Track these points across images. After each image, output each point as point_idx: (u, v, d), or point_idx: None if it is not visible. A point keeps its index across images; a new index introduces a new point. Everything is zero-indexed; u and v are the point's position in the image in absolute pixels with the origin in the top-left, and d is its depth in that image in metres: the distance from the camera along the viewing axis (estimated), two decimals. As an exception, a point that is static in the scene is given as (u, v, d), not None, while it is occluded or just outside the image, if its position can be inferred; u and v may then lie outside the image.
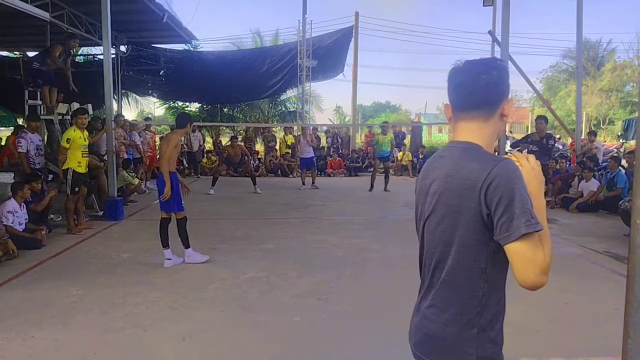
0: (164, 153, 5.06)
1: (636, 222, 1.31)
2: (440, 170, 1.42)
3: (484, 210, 1.29)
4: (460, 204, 1.34)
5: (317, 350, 3.27)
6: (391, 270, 5.10)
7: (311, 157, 12.06)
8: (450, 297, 1.40)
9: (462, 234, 1.35)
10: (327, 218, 8.08)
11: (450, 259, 1.38)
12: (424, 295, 1.50)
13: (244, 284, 4.57)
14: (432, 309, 1.44)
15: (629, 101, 28.62)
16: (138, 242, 6.21)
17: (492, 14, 15.87)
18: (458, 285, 1.38)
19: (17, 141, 7.00)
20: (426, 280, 1.49)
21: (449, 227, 1.38)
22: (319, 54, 16.86)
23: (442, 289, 1.42)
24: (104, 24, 7.55)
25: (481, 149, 1.38)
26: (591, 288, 4.58)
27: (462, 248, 1.36)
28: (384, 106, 55.21)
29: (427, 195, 1.46)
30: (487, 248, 1.32)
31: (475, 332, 1.36)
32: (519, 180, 1.27)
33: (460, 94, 1.42)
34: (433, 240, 1.44)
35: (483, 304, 1.36)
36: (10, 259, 5.24)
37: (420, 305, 1.51)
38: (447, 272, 1.40)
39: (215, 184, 10.89)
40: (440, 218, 1.40)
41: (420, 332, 1.49)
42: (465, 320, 1.37)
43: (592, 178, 9.05)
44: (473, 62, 1.42)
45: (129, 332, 3.49)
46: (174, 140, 5.10)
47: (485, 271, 1.34)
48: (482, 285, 1.35)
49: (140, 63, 16.10)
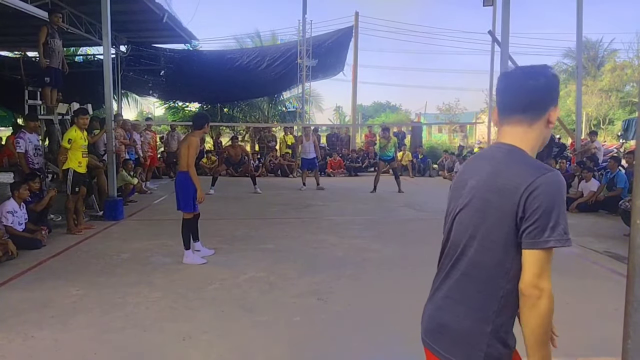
0: (184, 156, 5.09)
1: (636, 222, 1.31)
2: (482, 168, 1.44)
3: (519, 212, 1.31)
4: (498, 201, 1.35)
5: (317, 350, 3.27)
6: (391, 270, 5.10)
7: (313, 158, 12.01)
8: (468, 291, 1.41)
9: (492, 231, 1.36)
10: (327, 218, 8.08)
11: (473, 253, 1.40)
12: (440, 285, 1.51)
13: (244, 284, 4.57)
14: (448, 300, 1.45)
15: (629, 101, 28.62)
16: (138, 242, 6.22)
17: (492, 14, 15.90)
18: (478, 280, 1.39)
19: (16, 141, 7.00)
20: (444, 270, 1.50)
21: (480, 222, 1.39)
22: (319, 53, 16.86)
23: (460, 281, 1.43)
24: (104, 24, 7.54)
25: (526, 154, 1.40)
26: (591, 288, 4.58)
27: (488, 244, 1.37)
28: (384, 106, 55.18)
29: (463, 189, 1.48)
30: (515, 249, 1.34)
31: (488, 330, 1.37)
32: (562, 194, 1.31)
33: (506, 97, 1.45)
34: (460, 233, 1.45)
35: (502, 304, 1.37)
36: (11, 259, 5.24)
37: (435, 295, 1.52)
38: (469, 266, 1.41)
39: (215, 184, 10.89)
40: (473, 212, 1.41)
41: (433, 321, 1.50)
42: (481, 316, 1.38)
43: (592, 178, 9.05)
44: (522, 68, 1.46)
45: (129, 332, 3.49)
46: (195, 143, 5.15)
47: (509, 272, 1.36)
48: (504, 285, 1.36)
49: (140, 63, 16.11)
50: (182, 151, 5.17)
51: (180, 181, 5.21)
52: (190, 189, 5.13)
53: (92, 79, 13.74)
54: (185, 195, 5.16)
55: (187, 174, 5.10)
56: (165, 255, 5.61)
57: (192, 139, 5.16)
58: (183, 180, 5.15)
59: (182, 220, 5.28)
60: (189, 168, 5.07)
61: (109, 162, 7.80)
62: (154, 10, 11.69)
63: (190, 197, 5.16)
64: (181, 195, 5.19)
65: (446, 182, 14.14)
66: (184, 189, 5.16)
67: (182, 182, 5.17)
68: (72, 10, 10.97)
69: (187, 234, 5.28)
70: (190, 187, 5.12)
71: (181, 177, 5.19)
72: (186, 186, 5.14)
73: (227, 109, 21.20)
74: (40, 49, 7.78)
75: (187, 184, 5.12)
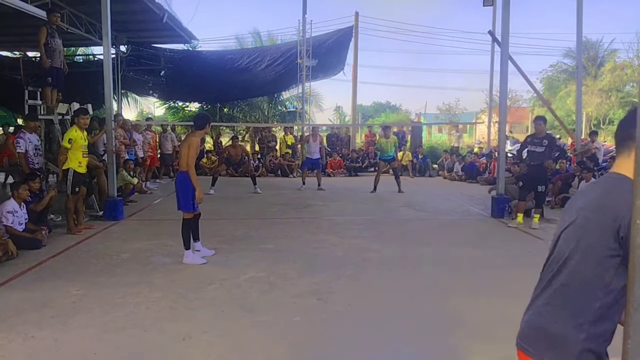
0: (185, 156, 5.11)
1: (636, 222, 1.31)
2: (592, 193, 1.56)
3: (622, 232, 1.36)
4: (602, 220, 1.42)
5: (317, 350, 3.27)
6: (391, 270, 5.10)
7: (317, 159, 11.92)
8: (567, 300, 1.49)
9: (593, 244, 1.43)
10: (327, 218, 8.08)
11: (574, 264, 1.47)
12: (540, 293, 1.60)
13: (244, 284, 4.57)
14: (548, 307, 1.54)
15: (629, 101, 28.61)
16: (138, 242, 6.22)
17: (492, 14, 15.91)
18: (577, 290, 1.47)
19: (16, 141, 7.00)
20: (545, 280, 1.60)
21: (583, 236, 1.47)
22: (319, 53, 16.86)
23: (560, 290, 1.51)
24: (104, 24, 7.54)
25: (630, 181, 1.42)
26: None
27: (588, 257, 1.44)
28: (384, 106, 55.15)
29: (573, 209, 1.57)
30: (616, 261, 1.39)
31: (582, 338, 1.43)
32: None
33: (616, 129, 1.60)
34: (564, 247, 1.53)
35: (598, 315, 1.43)
36: (11, 259, 5.24)
37: (535, 302, 1.61)
38: (569, 276, 1.49)
39: (215, 184, 10.89)
40: (577, 228, 1.50)
41: (529, 327, 1.60)
42: (577, 323, 1.45)
43: (592, 178, 9.04)
44: None
45: (129, 332, 3.49)
46: (195, 143, 5.16)
47: (608, 285, 1.41)
48: (602, 297, 1.42)
49: (140, 63, 16.10)
50: (182, 151, 5.19)
51: (180, 181, 5.23)
52: (190, 189, 5.14)
53: (92, 79, 13.73)
54: (185, 195, 5.18)
55: (186, 174, 5.11)
56: (165, 255, 5.61)
57: (192, 139, 5.17)
58: (183, 180, 5.17)
59: (182, 220, 5.29)
60: (188, 168, 5.08)
61: (109, 162, 7.79)
62: (154, 10, 11.68)
63: (190, 197, 5.17)
64: (181, 195, 5.21)
65: (446, 182, 14.15)
66: (184, 189, 5.17)
67: (182, 182, 5.18)
68: (72, 10, 10.97)
69: (187, 233, 5.29)
70: (190, 187, 5.13)
71: (181, 177, 5.21)
72: (186, 186, 5.15)
73: (227, 109, 21.20)
74: (42, 49, 7.77)
75: (187, 184, 5.13)
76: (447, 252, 5.80)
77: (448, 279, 4.78)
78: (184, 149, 5.16)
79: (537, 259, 5.90)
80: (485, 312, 3.91)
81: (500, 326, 3.63)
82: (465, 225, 7.56)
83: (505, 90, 8.46)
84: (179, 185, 5.24)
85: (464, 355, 3.21)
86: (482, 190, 10.39)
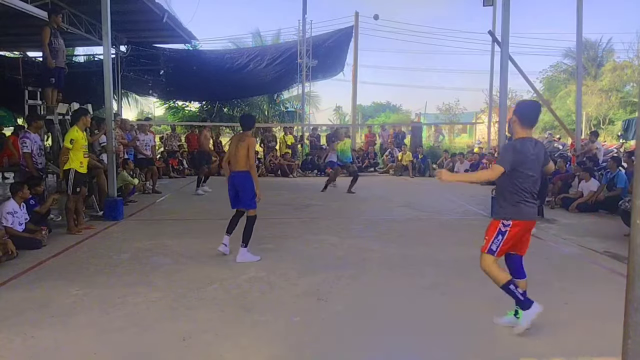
0: (244, 156, 5.22)
1: (636, 222, 1.31)
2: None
3: None
4: None
5: (317, 350, 3.27)
6: (391, 270, 5.10)
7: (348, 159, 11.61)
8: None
9: None
10: (327, 218, 8.08)
11: None
12: None
13: (244, 284, 4.57)
14: None
15: (629, 101, 28.61)
16: (138, 242, 6.21)
17: (492, 14, 15.92)
18: None
19: (22, 141, 6.99)
20: None
21: None
22: (319, 53, 16.86)
23: None
24: (104, 24, 7.54)
25: None
26: (591, 288, 4.58)
27: None
28: (384, 106, 55.18)
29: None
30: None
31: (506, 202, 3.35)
32: None
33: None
34: None
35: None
36: (11, 259, 5.24)
37: None
38: None
39: (206, 182, 10.91)
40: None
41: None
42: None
43: (591, 178, 9.05)
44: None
45: (129, 332, 3.49)
46: (254, 143, 5.35)
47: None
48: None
49: (140, 63, 16.11)
50: (241, 151, 5.26)
51: (241, 180, 5.29)
52: (252, 187, 5.27)
53: (92, 79, 13.76)
54: (250, 193, 5.28)
55: (247, 173, 5.24)
56: (165, 255, 5.61)
57: (251, 140, 5.32)
58: (244, 179, 5.26)
59: (248, 218, 5.37)
60: (250, 168, 5.24)
61: (109, 162, 7.79)
62: (154, 10, 11.70)
63: (254, 193, 5.30)
64: (245, 193, 5.30)
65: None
66: (248, 188, 5.28)
67: (244, 181, 5.27)
68: (72, 10, 10.98)
69: (251, 230, 5.38)
70: (252, 185, 5.26)
71: (241, 177, 5.28)
72: (250, 184, 5.26)
73: (227, 109, 21.20)
74: (47, 50, 7.78)
75: (250, 183, 5.25)
76: (447, 252, 5.80)
77: (448, 279, 4.78)
78: (242, 150, 5.24)
79: (537, 258, 5.92)
80: (485, 312, 3.91)
81: (500, 326, 3.63)
82: (465, 226, 7.56)
83: (505, 90, 8.46)
84: (240, 184, 5.31)
85: (464, 355, 3.20)
86: (482, 190, 10.38)
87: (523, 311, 3.38)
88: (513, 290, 3.36)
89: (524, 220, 3.40)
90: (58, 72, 8.01)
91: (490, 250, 3.43)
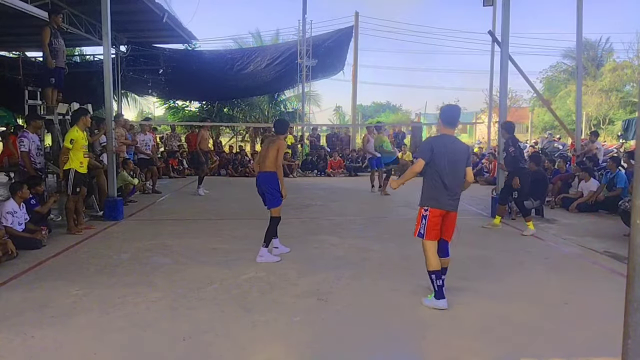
0: (274, 158, 5.34)
1: (636, 222, 1.31)
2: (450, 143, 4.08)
3: None
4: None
5: (317, 350, 3.27)
6: (391, 270, 5.10)
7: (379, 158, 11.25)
8: None
9: None
10: (327, 218, 8.08)
11: None
12: None
13: (244, 284, 4.57)
14: None
15: (629, 101, 28.61)
16: (138, 242, 6.21)
17: (492, 14, 15.91)
18: None
19: (20, 140, 6.99)
20: None
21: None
22: (319, 53, 16.86)
23: None
24: (104, 24, 7.53)
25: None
26: (591, 288, 4.58)
27: None
28: (384, 106, 55.22)
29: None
30: None
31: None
32: None
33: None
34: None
35: None
36: (11, 259, 5.24)
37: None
38: None
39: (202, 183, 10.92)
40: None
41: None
42: None
43: (591, 178, 9.04)
44: None
45: (129, 332, 3.49)
46: (284, 146, 5.53)
47: None
48: None
49: (140, 63, 16.11)
50: (270, 153, 5.37)
51: (267, 181, 5.39)
52: (276, 186, 5.37)
53: (92, 79, 13.75)
54: (273, 192, 5.38)
55: (274, 174, 5.35)
56: (165, 255, 5.61)
57: (282, 143, 5.48)
58: (271, 180, 5.36)
59: (271, 218, 5.43)
60: (277, 169, 5.36)
61: (109, 162, 7.79)
62: (154, 10, 11.69)
63: (278, 194, 5.41)
64: (270, 193, 5.39)
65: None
66: (272, 187, 5.37)
67: (270, 181, 5.37)
68: (72, 10, 10.97)
69: (274, 230, 5.47)
70: (276, 184, 5.37)
71: (268, 177, 5.38)
72: (273, 184, 5.36)
73: (227, 109, 21.20)
74: (47, 50, 7.77)
75: (274, 182, 5.35)
76: (447, 252, 5.79)
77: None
78: (272, 151, 5.35)
79: (537, 258, 5.93)
80: (485, 311, 3.91)
81: (499, 326, 3.63)
82: (465, 225, 7.53)
83: (505, 90, 8.46)
84: (266, 184, 5.39)
85: (464, 355, 3.20)
86: (482, 191, 10.39)
87: (433, 297, 3.95)
88: (434, 280, 3.92)
89: (439, 209, 3.93)
90: (58, 72, 8.00)
91: (419, 234, 4.02)
